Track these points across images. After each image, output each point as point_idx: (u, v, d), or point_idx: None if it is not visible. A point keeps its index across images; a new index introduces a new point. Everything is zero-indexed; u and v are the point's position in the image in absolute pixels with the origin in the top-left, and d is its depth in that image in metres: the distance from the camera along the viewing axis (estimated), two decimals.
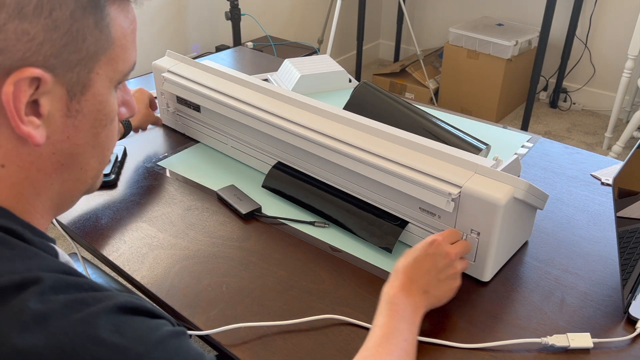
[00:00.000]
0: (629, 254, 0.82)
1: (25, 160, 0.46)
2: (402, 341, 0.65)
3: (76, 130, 0.47)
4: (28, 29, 0.41)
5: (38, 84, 0.43)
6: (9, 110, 0.42)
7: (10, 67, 0.42)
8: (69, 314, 0.39)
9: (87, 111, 0.47)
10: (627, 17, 2.88)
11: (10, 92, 0.42)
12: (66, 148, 0.47)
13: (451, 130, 1.04)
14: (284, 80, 1.44)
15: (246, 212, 0.97)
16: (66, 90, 0.45)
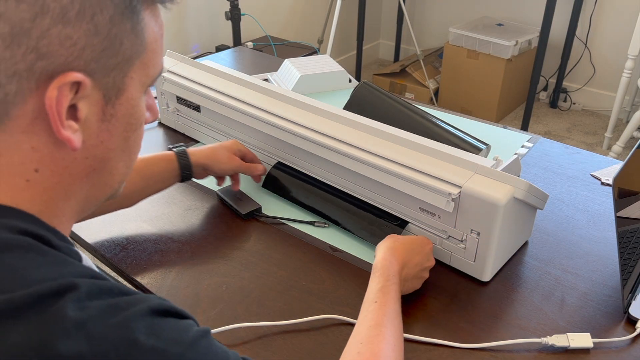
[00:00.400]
0: (629, 254, 0.82)
1: (59, 165, 0.46)
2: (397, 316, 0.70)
3: (109, 135, 0.48)
4: (71, 34, 0.42)
5: (77, 88, 0.43)
6: (51, 114, 0.43)
7: (53, 72, 0.42)
8: (106, 319, 0.39)
9: (121, 115, 0.48)
10: (627, 17, 2.88)
11: (54, 96, 0.42)
12: (99, 153, 0.48)
13: (451, 130, 1.04)
14: (284, 80, 1.44)
15: (246, 212, 0.97)
16: (102, 95, 0.46)
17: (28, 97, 0.42)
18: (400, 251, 0.78)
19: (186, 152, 0.93)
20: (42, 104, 0.43)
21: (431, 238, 0.87)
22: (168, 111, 1.25)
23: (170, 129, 1.28)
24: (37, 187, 0.45)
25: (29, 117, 0.43)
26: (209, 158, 0.95)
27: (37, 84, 0.42)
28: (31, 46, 0.41)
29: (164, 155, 0.92)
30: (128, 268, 0.87)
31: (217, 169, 0.96)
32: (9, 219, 0.43)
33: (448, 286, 0.84)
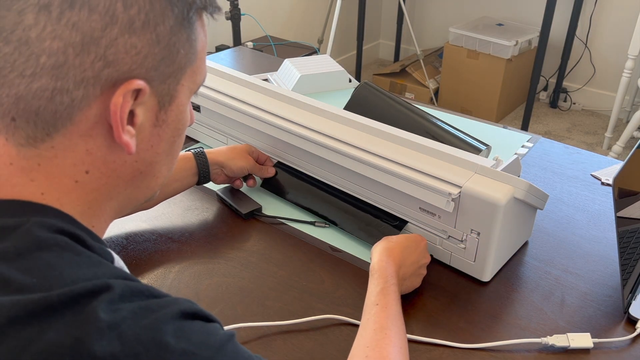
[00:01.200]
0: (629, 254, 0.82)
1: (109, 167, 0.47)
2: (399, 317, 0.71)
3: (159, 140, 0.50)
4: (136, 43, 0.44)
5: (137, 95, 0.45)
6: (114, 120, 0.44)
7: (117, 79, 0.44)
8: (138, 320, 0.40)
9: (171, 121, 0.50)
10: (627, 17, 2.88)
11: (119, 103, 0.44)
12: (148, 156, 0.50)
13: (451, 130, 1.04)
14: (284, 80, 1.44)
15: (246, 212, 0.97)
16: (157, 101, 0.47)
17: (92, 102, 0.44)
18: (396, 251, 0.78)
19: (203, 151, 0.95)
20: (104, 109, 0.44)
21: (431, 238, 0.87)
22: None
23: None
24: (84, 187, 0.47)
25: (90, 121, 0.44)
26: (225, 156, 0.97)
27: (102, 90, 0.44)
28: (100, 54, 0.42)
29: (182, 155, 0.93)
30: (128, 268, 0.87)
31: (233, 166, 0.97)
32: (49, 217, 0.44)
33: (448, 286, 0.84)
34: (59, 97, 0.43)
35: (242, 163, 0.98)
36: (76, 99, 0.43)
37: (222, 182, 1.00)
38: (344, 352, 0.73)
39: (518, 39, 2.84)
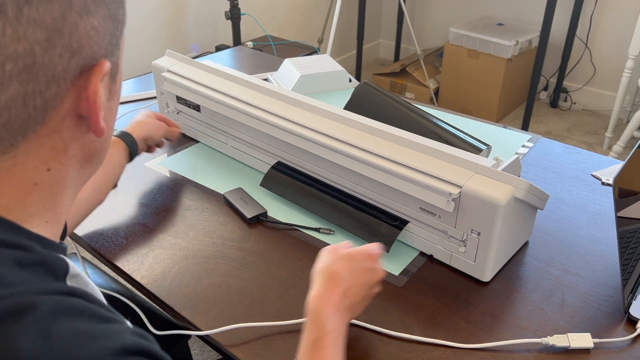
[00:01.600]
0: (629, 254, 0.81)
1: (70, 155, 0.44)
2: None
3: (111, 112, 0.48)
4: (94, 23, 0.41)
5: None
6: (93, 109, 0.42)
7: (83, 66, 0.41)
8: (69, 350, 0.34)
9: (117, 89, 0.48)
10: (627, 17, 2.88)
11: (99, 90, 0.42)
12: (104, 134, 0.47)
13: (452, 130, 1.04)
14: (284, 80, 1.44)
15: (251, 217, 0.97)
16: (110, 75, 0.45)
17: (65, 97, 0.41)
18: (339, 278, 0.66)
19: (126, 131, 0.99)
20: (74, 100, 0.42)
21: (431, 238, 0.87)
22: (168, 111, 1.25)
23: None
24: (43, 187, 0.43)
25: (60, 116, 0.42)
26: (146, 129, 1.02)
27: (72, 82, 0.41)
28: (65, 45, 0.40)
29: (113, 140, 0.96)
30: (128, 268, 0.87)
31: (156, 136, 1.04)
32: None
33: (448, 286, 0.84)
34: (32, 101, 0.39)
35: (160, 131, 1.05)
36: (49, 99, 0.40)
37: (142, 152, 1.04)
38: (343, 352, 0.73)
39: (518, 39, 2.84)
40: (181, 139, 1.24)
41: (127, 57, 2.33)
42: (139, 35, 2.39)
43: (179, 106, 1.22)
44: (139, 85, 1.53)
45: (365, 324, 0.77)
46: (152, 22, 2.43)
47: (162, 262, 0.88)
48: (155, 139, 1.04)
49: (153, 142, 1.05)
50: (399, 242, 0.92)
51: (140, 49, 2.41)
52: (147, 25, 2.42)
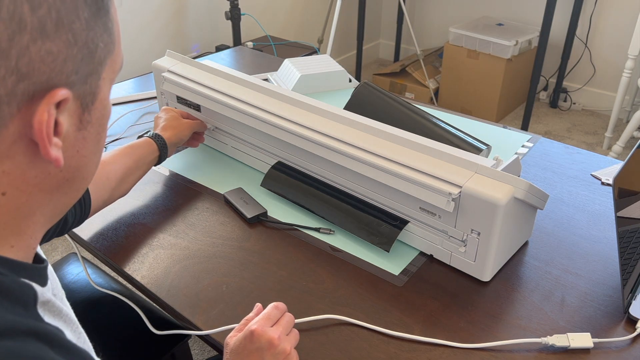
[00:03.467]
0: (629, 254, 0.82)
1: (30, 184, 0.42)
2: None
3: (85, 142, 0.44)
4: (51, 48, 0.38)
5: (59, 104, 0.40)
6: (40, 137, 0.39)
7: (35, 92, 0.38)
8: None
9: (95, 120, 0.45)
10: (627, 17, 2.88)
11: (45, 120, 0.39)
12: (74, 162, 0.44)
13: (452, 130, 1.04)
14: (284, 80, 1.44)
15: (251, 217, 0.97)
16: (80, 104, 0.42)
17: (9, 122, 0.38)
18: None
19: (159, 134, 1.01)
20: (23, 126, 0.39)
21: (431, 238, 0.87)
22: None
23: None
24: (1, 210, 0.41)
25: (7, 141, 0.39)
26: (175, 132, 1.04)
27: (19, 107, 0.38)
28: (11, 68, 0.37)
29: (144, 141, 0.99)
30: (128, 268, 0.87)
31: (185, 137, 1.06)
32: None
33: (448, 286, 0.84)
34: None
35: (188, 131, 1.07)
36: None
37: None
38: (344, 352, 0.73)
39: (518, 39, 2.84)
40: None
41: (127, 57, 2.33)
42: (139, 36, 2.39)
43: (179, 106, 1.22)
44: (139, 85, 1.53)
45: (365, 323, 0.77)
46: (152, 23, 2.43)
47: (162, 262, 0.88)
48: (184, 139, 1.07)
49: (182, 144, 1.08)
50: (399, 242, 0.92)
51: (141, 49, 2.41)
52: (148, 26, 2.42)
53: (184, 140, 1.07)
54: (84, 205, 0.85)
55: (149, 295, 0.84)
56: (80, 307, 1.04)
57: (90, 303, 1.07)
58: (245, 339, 0.65)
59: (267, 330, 0.65)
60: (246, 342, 0.64)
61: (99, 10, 0.41)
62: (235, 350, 0.65)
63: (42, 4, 0.37)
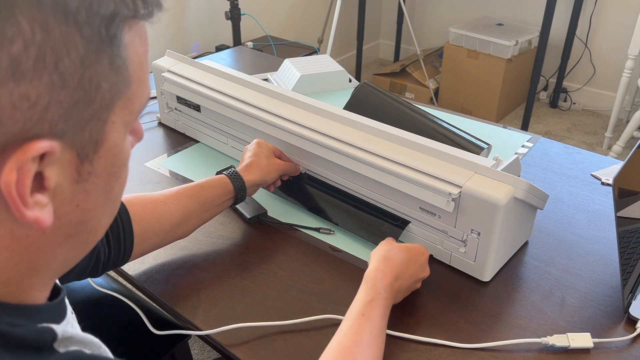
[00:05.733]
0: (629, 254, 0.82)
1: (22, 243, 0.36)
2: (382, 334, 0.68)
3: (87, 195, 0.38)
4: (28, 92, 0.31)
5: (42, 156, 0.34)
6: (10, 199, 0.33)
7: (6, 143, 0.32)
8: None
9: (100, 169, 0.38)
10: (627, 17, 2.88)
11: (12, 181, 0.32)
12: (74, 218, 0.38)
13: (452, 130, 1.04)
14: (284, 80, 1.44)
15: (251, 217, 0.97)
16: (76, 154, 0.36)
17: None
18: (395, 261, 0.75)
19: (239, 173, 0.90)
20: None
21: (431, 238, 0.87)
22: (168, 111, 1.25)
23: (170, 129, 1.28)
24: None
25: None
26: (260, 174, 0.92)
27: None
28: None
29: (218, 179, 0.88)
30: (128, 268, 0.87)
31: (269, 180, 0.94)
32: None
33: (448, 286, 0.84)
34: None
35: (275, 174, 0.95)
36: None
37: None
38: None
39: (518, 39, 2.84)
40: (181, 138, 1.24)
41: None
42: None
43: (179, 106, 1.22)
44: None
45: None
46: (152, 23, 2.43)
47: (162, 262, 0.88)
48: (268, 182, 0.95)
49: (265, 185, 0.96)
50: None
51: None
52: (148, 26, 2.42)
53: (268, 183, 0.95)
54: (123, 246, 0.75)
55: (149, 295, 0.84)
56: (80, 307, 1.04)
57: (90, 303, 1.07)
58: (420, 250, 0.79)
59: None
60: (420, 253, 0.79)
61: (100, 44, 0.34)
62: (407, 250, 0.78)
63: (16, 38, 0.30)
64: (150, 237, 0.79)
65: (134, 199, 0.79)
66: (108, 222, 0.43)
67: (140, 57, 0.38)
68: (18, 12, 0.30)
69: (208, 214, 0.87)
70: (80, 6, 0.32)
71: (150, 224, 0.79)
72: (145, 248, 0.80)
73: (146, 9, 0.37)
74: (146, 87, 0.40)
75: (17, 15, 0.30)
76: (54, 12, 0.31)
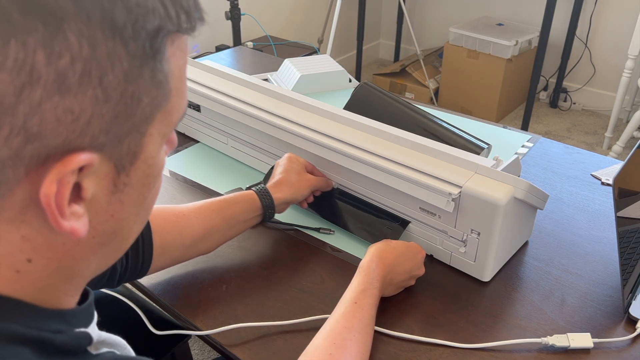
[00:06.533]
0: (629, 254, 0.82)
1: (58, 251, 0.37)
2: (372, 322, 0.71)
3: (121, 205, 0.39)
4: (72, 106, 0.32)
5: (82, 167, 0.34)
6: (49, 210, 0.34)
7: (47, 155, 0.32)
8: None
9: (136, 181, 0.39)
10: (627, 17, 2.88)
11: (52, 193, 0.33)
12: (108, 227, 0.39)
13: (452, 129, 1.04)
14: (284, 80, 1.44)
15: None
16: (114, 165, 0.36)
17: (15, 187, 0.33)
18: (389, 256, 0.78)
19: (268, 190, 0.87)
20: (34, 191, 0.34)
21: (431, 238, 0.87)
22: None
23: None
24: (29, 277, 0.37)
25: (17, 207, 0.34)
26: (291, 191, 0.89)
27: (27, 171, 0.33)
28: (17, 127, 0.31)
29: (245, 195, 0.85)
30: None
31: (300, 198, 0.91)
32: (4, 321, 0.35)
33: (448, 286, 0.84)
34: None
35: (306, 191, 0.91)
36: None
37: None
38: None
39: (518, 39, 2.84)
40: (181, 139, 1.24)
41: None
42: None
43: None
44: None
45: None
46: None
47: None
48: (299, 200, 0.91)
49: (296, 202, 0.92)
50: None
51: None
52: None
53: (299, 200, 0.91)
54: (142, 258, 0.74)
55: (148, 295, 0.84)
56: None
57: None
58: (416, 249, 0.82)
59: None
60: (416, 252, 0.81)
61: (144, 58, 0.34)
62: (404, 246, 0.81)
63: (63, 53, 0.30)
64: (171, 251, 0.77)
65: (156, 211, 0.77)
66: (139, 230, 0.43)
67: (181, 70, 0.39)
68: (67, 26, 0.30)
69: (233, 231, 0.84)
70: (127, 21, 0.33)
71: (171, 237, 0.77)
72: (165, 262, 0.78)
73: (189, 23, 0.37)
74: (184, 100, 0.40)
75: (66, 30, 0.30)
76: (101, 28, 0.32)
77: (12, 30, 0.29)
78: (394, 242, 0.81)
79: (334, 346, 0.65)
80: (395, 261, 0.78)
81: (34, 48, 0.30)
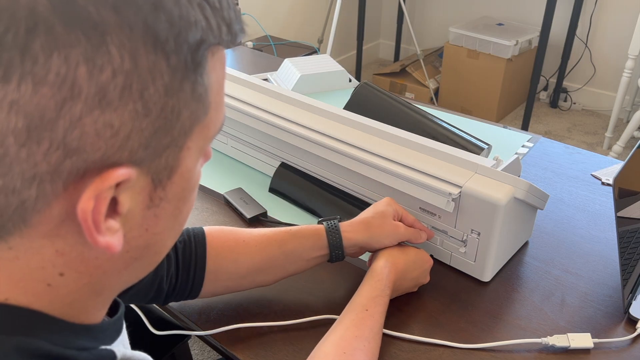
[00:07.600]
0: (629, 254, 0.82)
1: (90, 265, 0.37)
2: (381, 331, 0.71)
3: (156, 220, 0.38)
4: (112, 120, 0.31)
5: (119, 182, 0.34)
6: (84, 225, 0.33)
7: (86, 170, 0.32)
8: None
9: (172, 195, 0.38)
10: (627, 17, 2.88)
11: (90, 209, 0.33)
12: (142, 242, 0.38)
13: (452, 130, 1.04)
14: (284, 80, 1.44)
15: (251, 217, 0.97)
16: (151, 179, 0.36)
17: (53, 201, 0.33)
18: (401, 262, 0.77)
19: (338, 228, 0.76)
20: (71, 206, 0.33)
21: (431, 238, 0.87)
22: None
23: None
24: (60, 291, 0.37)
25: (54, 221, 0.34)
26: (369, 234, 0.77)
27: (65, 186, 0.32)
28: (57, 141, 0.31)
29: (313, 230, 0.76)
30: None
31: (378, 246, 0.78)
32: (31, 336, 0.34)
33: (448, 286, 0.84)
34: (2, 199, 0.32)
35: (389, 240, 0.78)
36: (28, 200, 0.32)
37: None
38: None
39: (518, 39, 2.84)
40: None
41: None
42: None
43: None
44: None
45: None
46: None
47: None
48: (376, 247, 0.78)
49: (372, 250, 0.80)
50: None
51: None
52: None
53: (376, 248, 0.78)
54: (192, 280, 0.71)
55: None
56: None
57: None
58: (425, 257, 0.80)
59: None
60: (424, 259, 0.80)
61: (185, 72, 0.34)
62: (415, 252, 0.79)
63: (105, 66, 0.30)
64: (223, 279, 0.73)
65: (217, 232, 0.74)
66: (172, 244, 0.43)
67: (220, 82, 0.38)
68: (109, 39, 0.30)
69: (294, 267, 0.76)
70: (170, 35, 0.32)
71: (225, 263, 0.73)
72: (217, 288, 0.74)
73: (230, 35, 0.36)
74: (222, 113, 0.40)
75: (109, 44, 0.30)
76: (144, 41, 0.31)
77: (55, 44, 0.29)
78: (406, 249, 0.79)
79: (344, 356, 0.63)
80: (405, 268, 0.77)
81: (77, 62, 0.29)
